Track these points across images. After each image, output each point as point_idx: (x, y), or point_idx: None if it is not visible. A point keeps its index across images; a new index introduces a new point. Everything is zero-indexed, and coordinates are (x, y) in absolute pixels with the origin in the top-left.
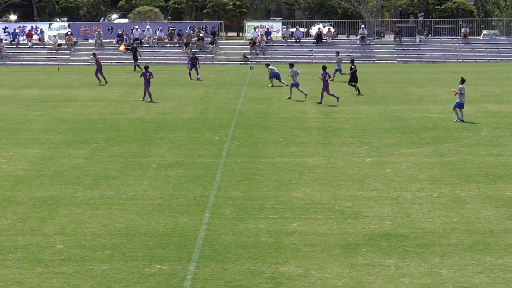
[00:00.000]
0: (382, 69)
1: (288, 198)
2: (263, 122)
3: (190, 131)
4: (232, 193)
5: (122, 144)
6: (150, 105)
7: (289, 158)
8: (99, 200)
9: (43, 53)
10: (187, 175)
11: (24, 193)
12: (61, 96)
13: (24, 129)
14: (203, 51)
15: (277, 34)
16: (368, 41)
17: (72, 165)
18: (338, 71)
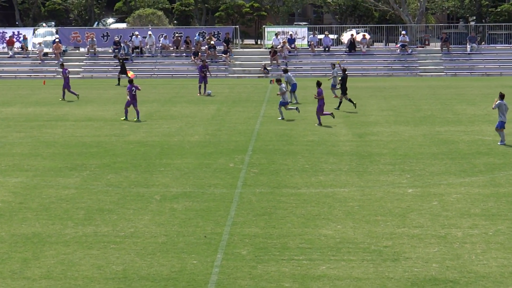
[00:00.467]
0: (427, 83)
1: (316, 236)
2: (286, 146)
3: (199, 157)
4: (250, 230)
5: (120, 171)
6: (152, 126)
7: (316, 189)
8: (93, 238)
9: (26, 64)
10: (196, 209)
11: (4, 229)
12: (48, 115)
13: (3, 153)
14: (214, 62)
15: (302, 41)
16: (410, 50)
17: (60, 196)
18: (333, 86)
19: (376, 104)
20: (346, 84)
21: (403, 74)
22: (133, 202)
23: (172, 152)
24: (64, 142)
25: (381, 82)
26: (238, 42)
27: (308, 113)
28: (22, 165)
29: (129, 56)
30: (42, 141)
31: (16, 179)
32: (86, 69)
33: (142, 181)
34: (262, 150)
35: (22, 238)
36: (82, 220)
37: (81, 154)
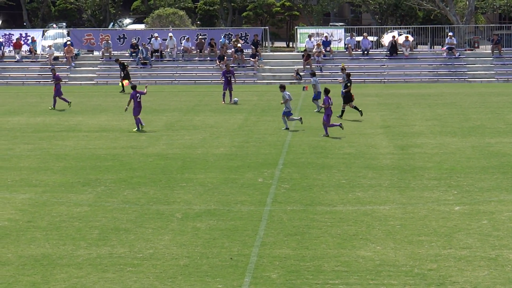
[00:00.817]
0: (476, 89)
1: (353, 258)
2: (320, 159)
3: (225, 171)
4: (280, 251)
5: (137, 187)
6: (173, 137)
7: (354, 206)
8: (108, 260)
9: (35, 69)
10: (222, 228)
11: (11, 250)
12: (58, 125)
13: (10, 167)
14: (242, 67)
15: (338, 44)
16: (458, 53)
17: (72, 214)
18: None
19: (420, 113)
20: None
21: (449, 80)
22: (152, 221)
23: (195, 166)
24: (76, 154)
25: (426, 88)
26: (267, 44)
27: (344, 123)
28: (30, 180)
29: (147, 61)
30: (52, 153)
31: (24, 196)
32: (100, 74)
33: (162, 198)
34: (294, 164)
35: (31, 260)
36: (96, 240)
37: (95, 168)
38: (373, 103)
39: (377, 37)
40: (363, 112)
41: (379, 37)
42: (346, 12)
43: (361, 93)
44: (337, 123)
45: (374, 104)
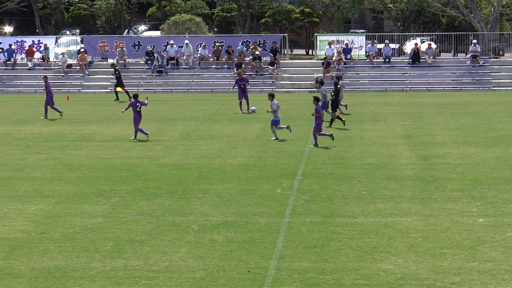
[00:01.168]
0: (501, 98)
1: (374, 271)
2: (340, 170)
3: (242, 182)
4: (299, 264)
5: (153, 198)
6: (190, 147)
7: (375, 218)
8: (122, 273)
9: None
10: (239, 240)
11: (23, 262)
12: (72, 134)
13: (22, 177)
14: (260, 75)
15: (359, 51)
16: (482, 61)
17: (86, 225)
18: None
19: (443, 123)
20: (338, 99)
21: (473, 88)
22: (167, 233)
23: (211, 177)
24: (90, 165)
25: (449, 97)
26: (286, 52)
27: (366, 133)
28: (43, 191)
29: (163, 68)
30: (65, 163)
31: (37, 206)
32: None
33: (178, 209)
34: (313, 174)
35: (43, 273)
36: (110, 252)
37: (109, 178)
38: (394, 112)
39: (399, 44)
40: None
41: (401, 45)
42: (367, 18)
43: (383, 102)
44: (328, 133)
45: (396, 113)
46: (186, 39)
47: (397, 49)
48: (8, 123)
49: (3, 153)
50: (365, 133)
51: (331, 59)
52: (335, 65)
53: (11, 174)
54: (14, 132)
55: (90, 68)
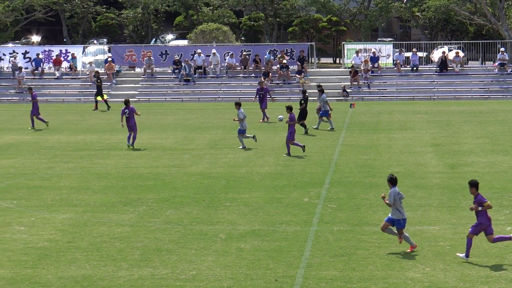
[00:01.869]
0: None
1: (402, 280)
2: (367, 178)
3: (270, 190)
4: (326, 273)
5: (180, 207)
6: (217, 156)
7: None
8: (150, 281)
9: (76, 86)
10: (266, 249)
11: (51, 271)
12: (99, 144)
13: (50, 186)
14: (287, 83)
15: (386, 60)
16: (510, 69)
17: (113, 234)
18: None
19: (470, 131)
20: (306, 108)
21: (501, 96)
22: (195, 241)
23: (239, 185)
24: (118, 174)
25: (477, 105)
26: (314, 60)
27: (393, 141)
28: (70, 200)
29: (190, 77)
30: (93, 172)
31: (64, 215)
32: (142, 91)
33: (205, 218)
34: (340, 183)
35: (71, 282)
36: (137, 261)
37: (136, 187)
38: (422, 121)
39: (426, 52)
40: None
41: (428, 53)
42: (394, 27)
43: (410, 110)
44: (301, 144)
45: (424, 121)
46: (214, 48)
47: (424, 58)
48: (35, 132)
49: (31, 162)
50: (392, 142)
51: (358, 67)
52: (363, 74)
53: (38, 183)
54: (42, 141)
55: (117, 77)
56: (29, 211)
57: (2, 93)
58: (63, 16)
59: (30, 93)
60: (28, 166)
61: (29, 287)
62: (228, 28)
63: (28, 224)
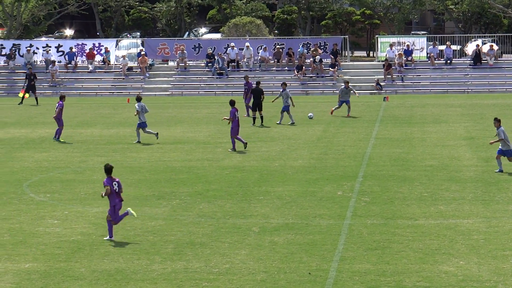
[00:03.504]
0: None
1: (436, 273)
2: (401, 172)
3: (303, 184)
4: (360, 266)
5: (213, 200)
6: (250, 149)
7: (436, 220)
8: (183, 275)
9: (109, 80)
10: (300, 242)
11: (84, 264)
12: (132, 137)
13: (83, 180)
14: (320, 76)
15: (420, 53)
16: None
17: (146, 228)
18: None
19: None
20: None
21: None
22: (228, 235)
23: (272, 179)
24: (151, 167)
25: (511, 98)
26: (347, 54)
27: (427, 134)
28: None
29: (223, 71)
30: (126, 166)
31: (97, 209)
32: (175, 85)
33: (239, 211)
34: (374, 176)
35: (104, 275)
36: (171, 254)
37: (169, 180)
38: (456, 114)
39: (460, 46)
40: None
41: (462, 46)
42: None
43: (444, 103)
44: (244, 141)
45: (458, 115)
46: (247, 41)
47: (458, 51)
48: (69, 125)
49: (64, 156)
50: (426, 135)
51: (392, 60)
52: (396, 67)
53: (72, 177)
54: (75, 134)
55: (150, 71)
56: (63, 205)
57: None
58: (96, 10)
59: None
60: (61, 160)
61: (62, 280)
62: (261, 22)
63: (62, 218)
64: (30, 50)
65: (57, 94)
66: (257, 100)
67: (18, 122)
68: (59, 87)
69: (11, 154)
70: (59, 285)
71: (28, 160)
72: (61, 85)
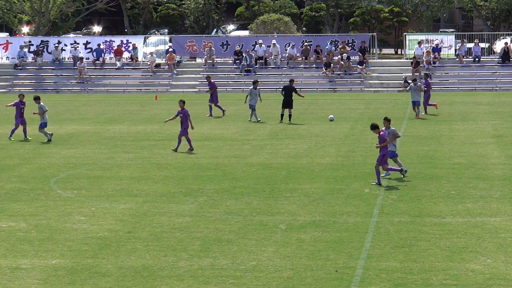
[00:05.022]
0: None
1: (463, 272)
2: (428, 169)
3: (330, 181)
4: (387, 264)
5: (240, 197)
6: (277, 147)
7: (464, 218)
8: (209, 272)
9: (136, 76)
10: (326, 240)
11: (111, 261)
12: (160, 134)
13: (110, 176)
14: (348, 74)
15: (448, 50)
16: None
17: (173, 225)
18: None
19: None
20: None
21: None
22: (255, 232)
23: (299, 176)
24: (178, 164)
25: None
26: (375, 51)
27: (455, 132)
28: (130, 190)
29: (251, 68)
30: (153, 163)
31: (124, 206)
32: (203, 82)
33: (266, 208)
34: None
35: (131, 272)
36: (197, 251)
37: (196, 177)
38: (484, 112)
39: (488, 43)
40: None
41: (491, 44)
42: (456, 17)
43: (472, 101)
44: (190, 144)
45: (486, 112)
46: (274, 38)
47: (486, 49)
48: (96, 122)
49: (92, 152)
50: (454, 133)
51: (420, 58)
52: (425, 65)
53: (99, 173)
54: (103, 131)
55: (178, 68)
56: (90, 201)
57: (63, 83)
58: (124, 7)
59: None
60: (88, 156)
61: (89, 276)
62: (289, 19)
63: (89, 214)
64: (58, 47)
65: (85, 91)
66: (288, 98)
67: None
68: (86, 84)
69: (39, 150)
70: (86, 282)
71: (55, 157)
72: (89, 81)
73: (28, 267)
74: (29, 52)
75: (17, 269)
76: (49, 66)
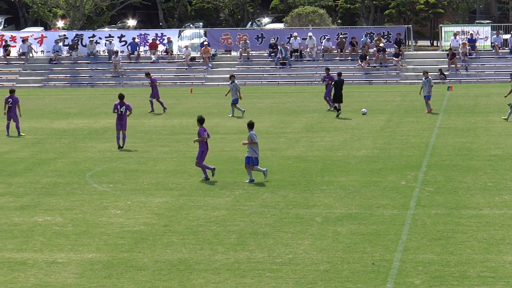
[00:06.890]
0: None
1: (500, 264)
2: (465, 161)
3: (366, 174)
4: (424, 257)
5: (276, 190)
6: (313, 139)
7: (501, 210)
8: (246, 265)
9: (171, 70)
10: (363, 232)
11: (147, 255)
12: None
13: (146, 170)
14: (384, 66)
15: (484, 42)
16: None
17: (209, 218)
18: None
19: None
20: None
21: None
22: (291, 225)
23: (335, 169)
24: (214, 157)
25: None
26: (411, 43)
27: (492, 124)
28: (166, 183)
29: (287, 61)
30: (188, 156)
31: (160, 199)
32: (238, 75)
33: (302, 201)
34: (438, 166)
35: (167, 265)
36: (234, 245)
37: (232, 171)
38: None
39: None
40: None
41: None
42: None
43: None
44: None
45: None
46: (310, 31)
47: None
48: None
49: (127, 146)
50: (490, 124)
51: (456, 50)
52: (461, 56)
53: (135, 167)
54: (138, 125)
55: (213, 61)
56: (126, 195)
57: (98, 77)
58: (159, 0)
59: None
60: (124, 150)
61: (125, 270)
62: (324, 11)
63: (125, 208)
64: (93, 40)
65: (120, 85)
66: (339, 92)
67: (81, 113)
68: (121, 78)
69: (74, 144)
70: (122, 275)
71: (91, 151)
72: (124, 75)
73: (65, 261)
74: (64, 46)
75: (54, 263)
76: (84, 60)
